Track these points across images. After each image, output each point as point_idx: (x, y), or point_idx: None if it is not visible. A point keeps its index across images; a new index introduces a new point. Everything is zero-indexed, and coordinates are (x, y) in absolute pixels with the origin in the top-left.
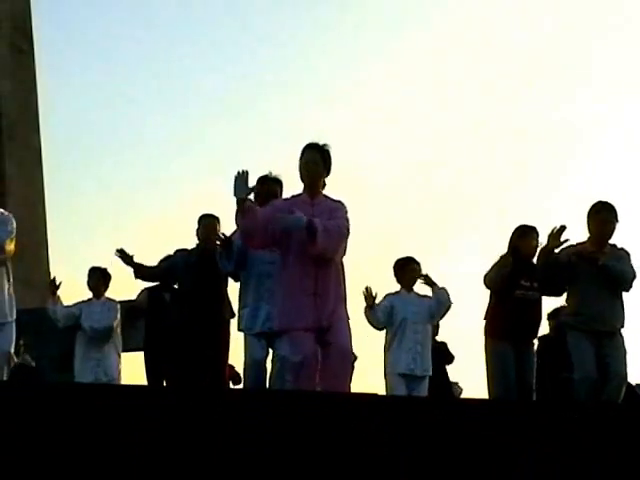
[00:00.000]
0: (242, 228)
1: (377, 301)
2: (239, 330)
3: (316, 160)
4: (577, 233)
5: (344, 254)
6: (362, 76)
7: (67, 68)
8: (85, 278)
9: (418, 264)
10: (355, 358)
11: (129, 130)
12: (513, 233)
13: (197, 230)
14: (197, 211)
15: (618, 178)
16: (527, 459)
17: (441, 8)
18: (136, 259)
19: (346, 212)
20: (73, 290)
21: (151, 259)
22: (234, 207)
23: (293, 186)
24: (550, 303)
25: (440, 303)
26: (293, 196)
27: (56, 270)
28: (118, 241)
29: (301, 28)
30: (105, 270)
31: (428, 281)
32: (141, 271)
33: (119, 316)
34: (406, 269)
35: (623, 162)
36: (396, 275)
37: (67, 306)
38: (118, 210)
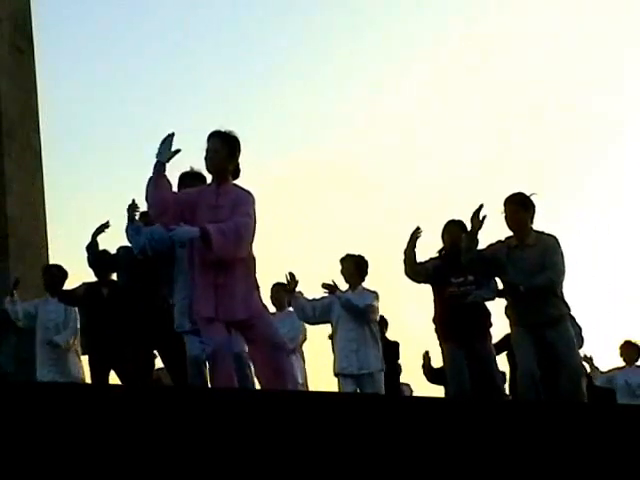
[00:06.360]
0: (152, 199)
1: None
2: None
3: (217, 148)
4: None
5: (250, 248)
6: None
7: (67, 68)
8: (86, 278)
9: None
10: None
11: (130, 130)
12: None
13: None
14: None
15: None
16: (527, 459)
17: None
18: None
19: (252, 203)
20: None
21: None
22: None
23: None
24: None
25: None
26: (205, 185)
27: None
28: (118, 241)
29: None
30: (60, 267)
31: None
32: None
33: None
34: None
35: None
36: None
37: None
38: (119, 210)
